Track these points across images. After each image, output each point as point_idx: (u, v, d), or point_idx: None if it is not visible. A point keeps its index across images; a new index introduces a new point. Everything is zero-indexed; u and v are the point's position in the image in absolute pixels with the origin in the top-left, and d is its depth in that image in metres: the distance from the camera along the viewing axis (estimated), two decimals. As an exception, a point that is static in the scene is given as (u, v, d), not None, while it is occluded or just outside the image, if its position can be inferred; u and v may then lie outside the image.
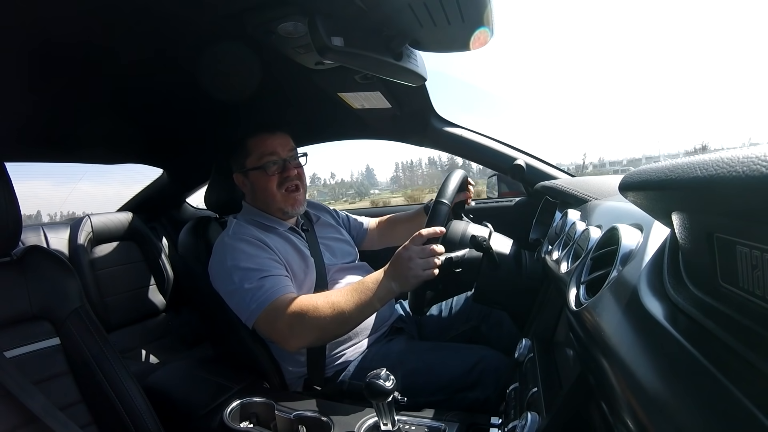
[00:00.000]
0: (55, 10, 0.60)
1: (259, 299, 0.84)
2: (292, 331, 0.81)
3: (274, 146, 1.00)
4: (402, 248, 0.80)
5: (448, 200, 0.86)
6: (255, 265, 0.88)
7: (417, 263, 0.78)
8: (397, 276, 0.80)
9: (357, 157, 45.70)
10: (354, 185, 63.73)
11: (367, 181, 73.34)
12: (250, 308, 0.84)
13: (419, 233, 0.80)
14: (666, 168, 0.27)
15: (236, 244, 0.91)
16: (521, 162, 1.27)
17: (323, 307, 0.80)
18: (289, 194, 1.00)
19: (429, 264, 0.78)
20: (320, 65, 0.85)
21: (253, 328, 0.86)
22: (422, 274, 0.78)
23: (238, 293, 0.87)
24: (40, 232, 1.55)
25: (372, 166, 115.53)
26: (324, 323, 0.80)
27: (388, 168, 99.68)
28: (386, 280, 0.81)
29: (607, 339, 0.34)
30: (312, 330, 0.81)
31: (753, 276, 0.22)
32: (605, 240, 0.50)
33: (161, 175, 1.80)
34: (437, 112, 1.30)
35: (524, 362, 0.67)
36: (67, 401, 0.68)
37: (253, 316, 0.84)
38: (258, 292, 0.85)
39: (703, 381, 0.23)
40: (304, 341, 0.83)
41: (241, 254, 0.89)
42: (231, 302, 0.89)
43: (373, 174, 78.95)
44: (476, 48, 0.72)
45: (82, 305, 0.74)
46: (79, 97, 0.94)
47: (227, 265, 0.89)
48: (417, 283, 0.79)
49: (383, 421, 0.66)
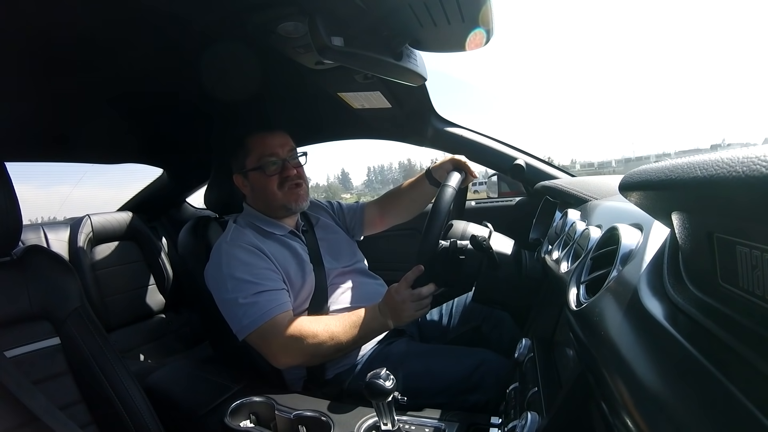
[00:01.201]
0: (55, 11, 0.60)
1: (253, 316, 0.84)
2: (285, 351, 0.84)
3: (273, 146, 0.99)
4: (394, 291, 0.83)
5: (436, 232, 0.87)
6: (251, 277, 0.87)
7: (410, 306, 0.82)
8: (391, 314, 0.84)
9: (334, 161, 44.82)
10: (325, 189, 63.80)
11: (342, 185, 73.45)
12: (242, 323, 0.85)
13: (405, 278, 0.83)
14: (666, 168, 0.27)
15: (233, 251, 0.91)
16: (521, 162, 1.27)
17: (322, 335, 0.83)
18: (291, 190, 0.99)
19: (421, 306, 0.83)
20: (320, 65, 0.85)
21: (243, 340, 0.86)
22: (416, 314, 0.83)
23: (231, 305, 0.87)
24: (40, 232, 1.55)
25: (348, 170, 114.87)
26: (320, 350, 0.83)
27: (363, 172, 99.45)
28: (381, 317, 0.85)
29: (607, 339, 0.34)
30: (306, 354, 0.83)
31: (753, 276, 0.22)
32: (605, 240, 0.50)
33: (161, 175, 1.80)
34: (437, 111, 1.30)
35: (524, 362, 0.67)
36: (67, 401, 0.68)
37: (244, 331, 0.85)
38: (252, 308, 0.85)
39: (703, 381, 0.23)
40: (294, 362, 0.85)
41: (237, 263, 0.89)
42: (223, 310, 0.89)
43: (348, 178, 79.03)
44: (472, 48, 0.72)
45: (82, 305, 0.74)
46: (79, 97, 0.94)
47: (222, 273, 0.89)
48: (411, 320, 0.84)
49: (383, 421, 0.66)
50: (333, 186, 69.15)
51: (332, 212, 1.22)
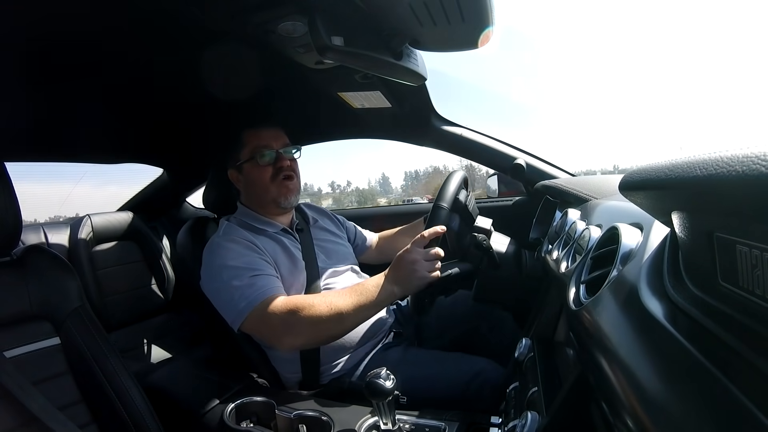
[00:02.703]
0: (55, 11, 0.60)
1: (249, 297, 0.81)
2: (286, 327, 0.79)
3: (268, 138, 1.00)
4: (404, 251, 0.79)
5: (447, 203, 0.85)
6: (244, 264, 0.86)
7: (422, 265, 0.77)
8: (399, 279, 0.79)
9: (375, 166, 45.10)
10: (359, 193, 63.53)
11: (382, 189, 73.45)
12: (239, 307, 0.82)
13: (421, 235, 0.79)
14: (666, 167, 0.27)
15: (225, 244, 0.91)
16: (521, 161, 1.27)
17: (320, 305, 0.79)
18: (283, 183, 0.99)
19: (433, 266, 0.78)
20: (320, 65, 0.85)
21: (240, 330, 0.84)
22: (427, 277, 0.77)
23: (226, 291, 0.84)
24: (40, 232, 1.55)
25: (388, 174, 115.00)
26: (319, 320, 0.77)
27: (401, 176, 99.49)
28: (388, 284, 0.79)
29: (607, 339, 0.34)
30: (307, 327, 0.78)
31: (753, 275, 0.22)
32: (605, 239, 0.50)
33: (161, 174, 1.80)
34: (437, 111, 1.30)
35: (524, 362, 0.67)
36: (67, 401, 0.68)
37: (242, 315, 0.81)
38: (249, 289, 0.82)
39: (703, 381, 0.23)
40: (298, 339, 0.80)
41: (229, 253, 0.88)
42: (218, 301, 0.87)
43: (388, 182, 79.28)
44: (482, 46, 0.71)
45: (82, 305, 0.74)
46: (78, 97, 0.94)
47: (215, 264, 0.88)
48: (420, 285, 0.78)
49: (383, 421, 0.66)
50: (371, 190, 68.80)
51: (338, 222, 1.23)
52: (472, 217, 0.93)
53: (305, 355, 0.91)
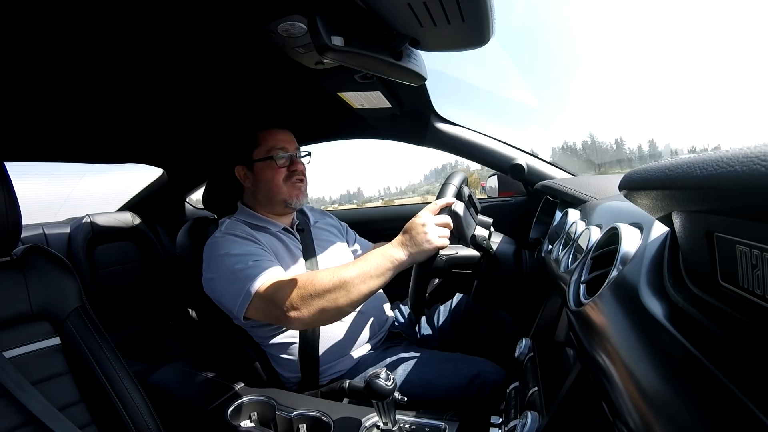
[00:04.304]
0: (55, 11, 0.60)
1: (254, 277, 0.81)
2: (292, 302, 0.76)
3: (284, 141, 1.02)
4: (415, 216, 0.79)
5: (456, 185, 0.86)
6: (246, 252, 0.87)
7: (432, 229, 0.76)
8: (408, 242, 0.77)
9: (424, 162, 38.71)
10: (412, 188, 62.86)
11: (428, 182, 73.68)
12: (245, 289, 0.80)
13: (434, 202, 0.81)
14: (666, 167, 0.27)
15: (226, 236, 0.92)
16: (521, 161, 1.27)
17: (324, 275, 0.77)
18: (295, 185, 1.02)
19: (443, 232, 0.77)
20: (320, 65, 0.85)
21: (246, 317, 0.82)
22: (437, 241, 0.76)
23: (229, 276, 0.83)
24: (40, 232, 1.55)
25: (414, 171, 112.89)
26: (324, 290, 0.75)
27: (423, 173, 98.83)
28: (395, 250, 0.77)
29: (607, 339, 0.34)
30: (313, 299, 0.75)
31: (753, 275, 0.22)
32: (605, 239, 0.50)
33: (161, 174, 1.80)
34: (437, 111, 1.30)
35: (524, 362, 0.67)
36: (67, 401, 0.68)
37: (248, 296, 0.80)
38: (253, 270, 0.82)
39: (703, 380, 0.23)
40: (305, 312, 0.76)
41: (231, 244, 0.89)
42: (221, 290, 0.85)
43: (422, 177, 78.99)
44: (482, 46, 0.71)
45: (82, 305, 0.74)
46: (79, 97, 0.94)
47: (217, 255, 0.88)
48: (428, 251, 0.76)
49: (383, 421, 0.66)
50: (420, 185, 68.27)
51: (341, 227, 1.23)
52: (476, 208, 0.93)
53: (305, 356, 0.91)
